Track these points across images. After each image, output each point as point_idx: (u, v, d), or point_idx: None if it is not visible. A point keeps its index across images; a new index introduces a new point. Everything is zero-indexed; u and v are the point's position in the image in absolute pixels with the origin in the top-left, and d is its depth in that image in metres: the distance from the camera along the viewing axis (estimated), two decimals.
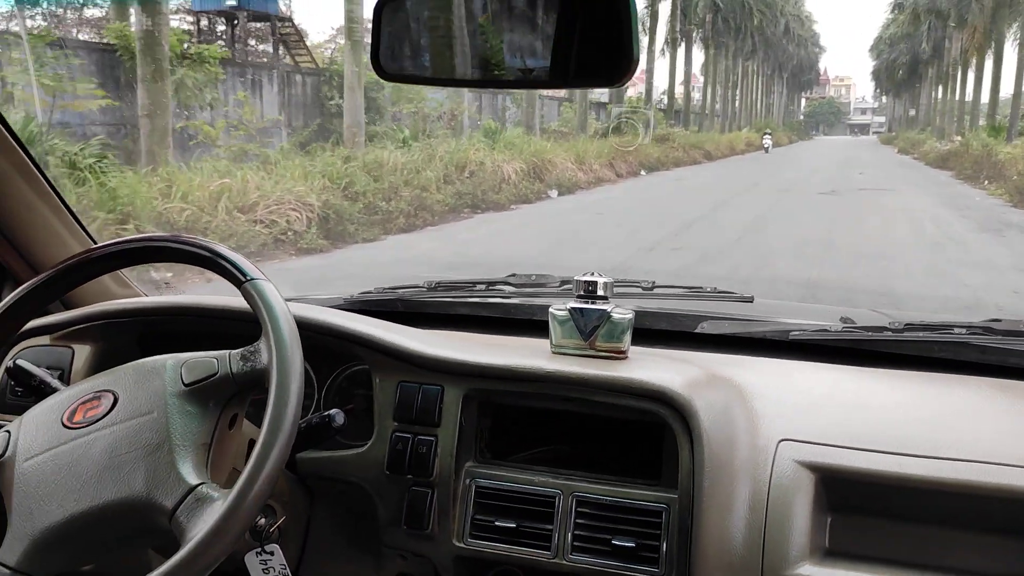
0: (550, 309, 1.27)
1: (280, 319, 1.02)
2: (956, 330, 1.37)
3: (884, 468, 1.05)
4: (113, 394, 1.04)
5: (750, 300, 1.56)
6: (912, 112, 59.39)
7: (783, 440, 1.11)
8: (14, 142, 1.34)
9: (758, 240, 9.89)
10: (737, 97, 53.15)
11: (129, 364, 1.07)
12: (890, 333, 1.37)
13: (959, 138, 28.38)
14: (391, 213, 10.53)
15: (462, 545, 1.20)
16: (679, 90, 38.07)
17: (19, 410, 1.15)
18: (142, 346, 1.37)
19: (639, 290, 1.57)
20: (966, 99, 38.85)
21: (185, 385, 1.02)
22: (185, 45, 12.31)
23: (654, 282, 1.59)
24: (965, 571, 1.03)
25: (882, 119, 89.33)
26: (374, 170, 11.41)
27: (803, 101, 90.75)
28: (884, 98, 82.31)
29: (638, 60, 0.85)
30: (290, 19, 20.03)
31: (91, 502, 0.95)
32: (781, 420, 1.14)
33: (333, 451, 1.26)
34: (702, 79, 46.32)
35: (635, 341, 1.29)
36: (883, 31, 54.84)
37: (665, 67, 39.45)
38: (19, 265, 1.46)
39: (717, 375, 1.23)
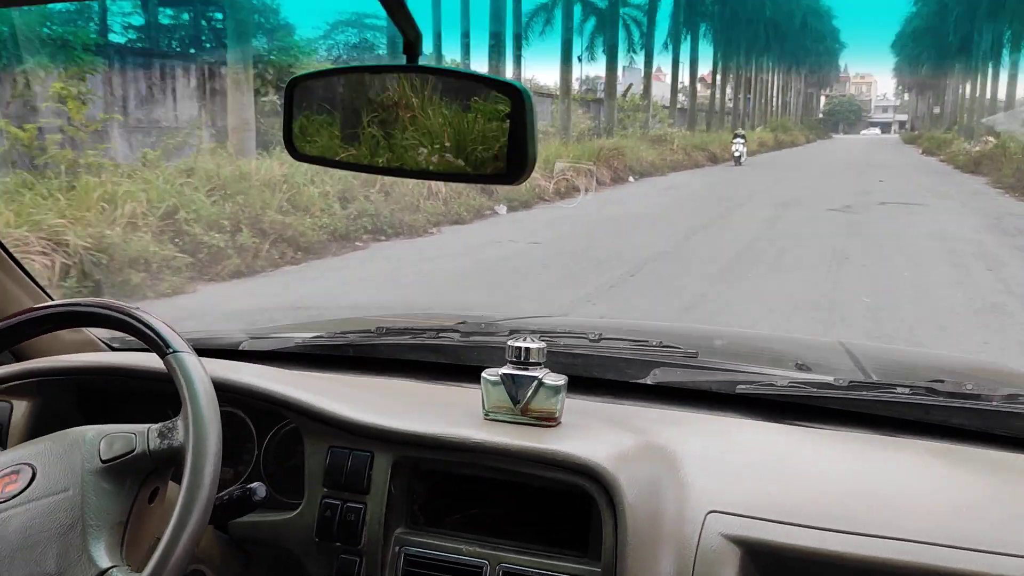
0: (483, 375, 1.28)
1: (200, 395, 1.05)
2: (899, 390, 1.41)
3: (809, 544, 1.07)
4: (32, 468, 1.04)
5: (694, 355, 1.55)
6: (937, 110, 56.87)
7: (711, 512, 1.12)
8: None
9: (735, 301, 7.06)
10: (750, 95, 50.96)
11: (53, 434, 1.10)
12: (835, 391, 1.41)
13: (991, 138, 24.50)
14: (220, 250, 7.88)
15: None
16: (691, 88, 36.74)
17: None
18: (80, 401, 1.42)
19: (586, 341, 1.60)
20: (998, 97, 35.20)
21: (103, 461, 1.03)
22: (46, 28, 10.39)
23: (600, 334, 1.63)
24: None
25: (904, 117, 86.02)
26: (231, 186, 8.17)
27: (822, 99, 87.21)
28: (907, 95, 79.67)
29: (535, 160, 0.90)
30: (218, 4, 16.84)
31: None
32: (711, 490, 1.15)
33: (266, 514, 1.28)
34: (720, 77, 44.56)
35: (581, 392, 1.40)
36: (906, 26, 51.75)
37: (680, 64, 37.72)
38: None
39: (650, 442, 1.25)
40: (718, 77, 42.89)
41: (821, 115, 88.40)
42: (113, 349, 1.65)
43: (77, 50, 10.88)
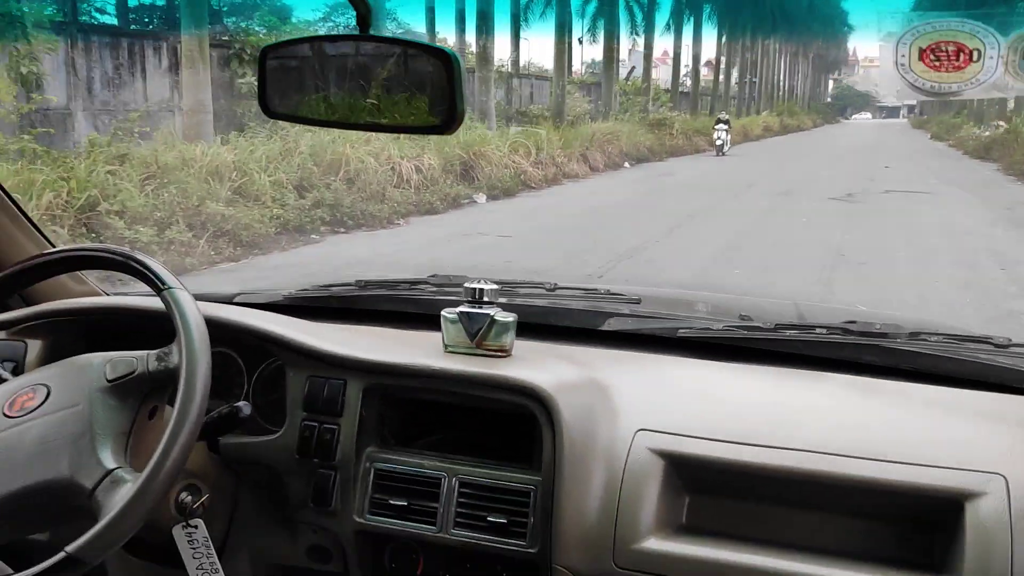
0: (442, 313, 1.49)
1: (191, 325, 1.21)
2: (818, 330, 1.60)
3: (726, 456, 1.26)
4: (47, 387, 1.22)
5: (638, 302, 1.77)
6: None
7: (640, 431, 1.31)
8: None
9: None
10: (756, 79, 49.74)
11: (65, 360, 1.28)
12: (762, 332, 1.60)
13: (1002, 123, 23.46)
14: (144, 246, 7.47)
15: (362, 520, 1.42)
16: (698, 72, 36.64)
17: None
18: (88, 340, 1.60)
19: (543, 291, 1.81)
20: None
21: (108, 381, 1.20)
22: None
23: (555, 284, 1.83)
24: (803, 547, 1.23)
25: (912, 101, 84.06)
26: (169, 174, 7.43)
27: (830, 83, 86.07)
28: None
29: (463, 114, 1.08)
30: None
31: (22, 483, 1.13)
32: (641, 413, 1.35)
33: (253, 437, 1.49)
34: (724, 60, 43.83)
35: (538, 337, 1.60)
36: (916, 6, 50.00)
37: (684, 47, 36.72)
38: None
39: (589, 375, 1.46)
40: (723, 60, 42.23)
41: (829, 99, 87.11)
42: (107, 294, 1.84)
43: (28, 27, 10.38)
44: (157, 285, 1.26)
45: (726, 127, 24.94)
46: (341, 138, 10.81)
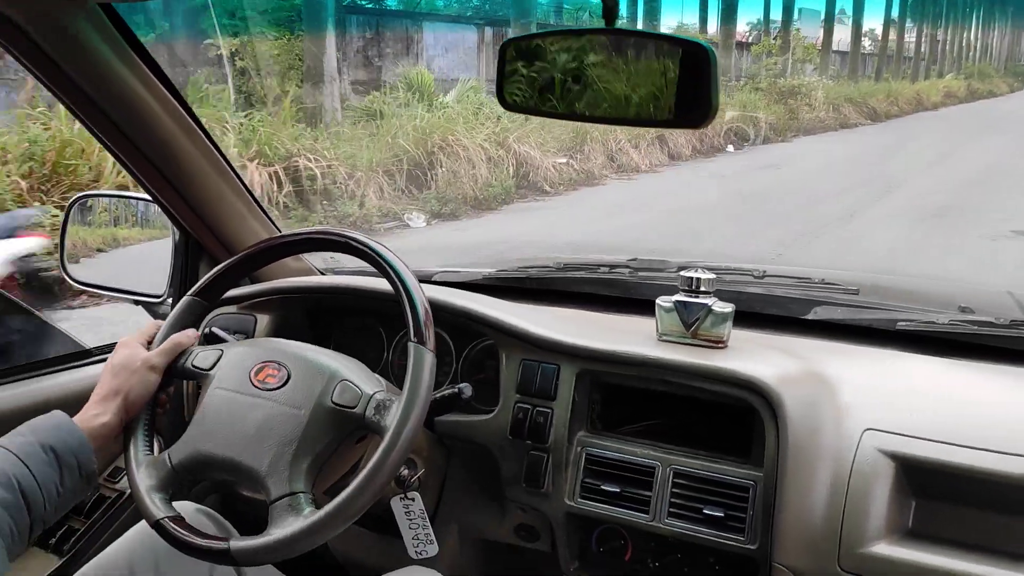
0: (657, 302, 1.50)
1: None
2: None
3: (963, 462, 1.20)
4: (289, 373, 1.28)
5: (855, 292, 1.70)
6: None
7: (868, 430, 1.27)
8: (208, 142, 1.66)
9: None
10: (939, 36, 42.45)
11: (311, 354, 1.32)
12: (994, 328, 1.52)
13: None
14: None
15: (572, 504, 1.44)
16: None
17: None
18: (309, 316, 1.75)
19: (751, 278, 1.77)
20: None
21: (332, 403, 1.24)
22: None
23: (764, 271, 1.78)
24: None
25: None
26: None
27: None
28: None
29: (716, 108, 1.04)
30: None
31: (235, 455, 1.21)
32: (868, 411, 1.31)
33: (466, 416, 1.55)
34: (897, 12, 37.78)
35: (746, 325, 1.56)
36: None
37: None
38: (214, 245, 1.80)
39: (811, 368, 1.43)
40: (894, 12, 35.97)
41: None
42: (320, 272, 1.96)
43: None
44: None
45: None
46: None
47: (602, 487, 1.42)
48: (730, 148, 14.95)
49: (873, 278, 2.01)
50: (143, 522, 1.23)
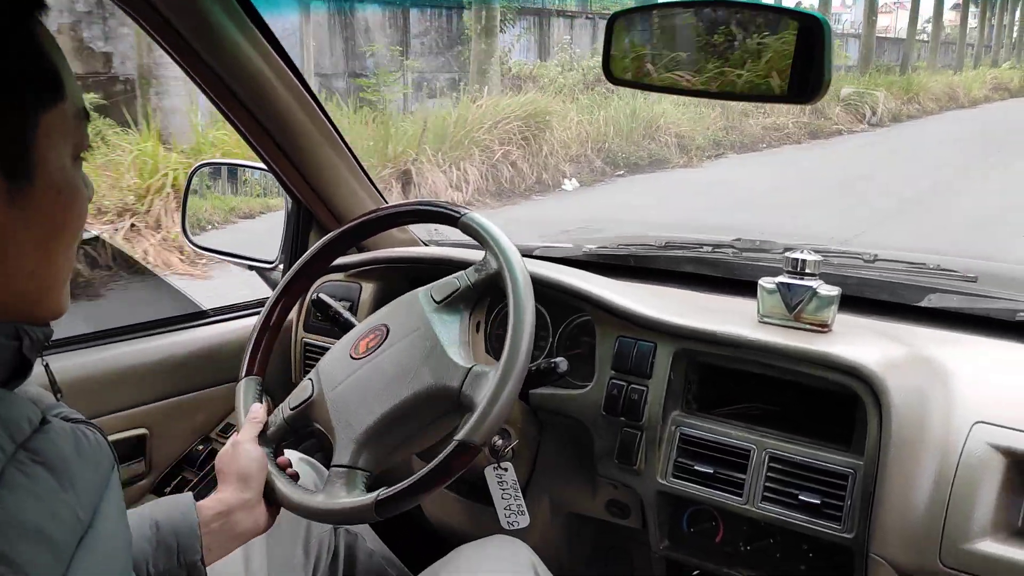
0: (759, 282, 1.47)
1: (496, 233, 1.31)
2: None
3: None
4: (385, 326, 1.35)
5: (974, 280, 1.61)
6: None
7: (978, 423, 1.23)
8: (321, 113, 1.71)
9: None
10: (994, 19, 34.54)
11: (392, 302, 1.41)
12: None
13: None
14: None
15: (664, 483, 1.43)
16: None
17: (319, 331, 1.83)
18: (411, 285, 1.59)
19: (860, 262, 1.71)
20: None
21: (437, 302, 1.32)
22: None
23: (875, 255, 1.72)
24: None
25: None
26: None
27: None
28: None
29: (829, 82, 1.03)
30: None
31: (395, 401, 1.24)
32: (980, 403, 1.26)
33: (560, 389, 1.55)
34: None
35: (853, 311, 1.52)
36: None
37: None
38: (324, 215, 1.86)
39: (920, 354, 1.37)
40: None
41: None
42: (424, 242, 2.01)
43: None
44: (454, 216, 1.35)
45: None
46: None
47: (695, 467, 1.40)
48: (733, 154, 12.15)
49: (993, 267, 1.93)
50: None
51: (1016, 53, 33.07)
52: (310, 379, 1.37)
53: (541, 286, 1.53)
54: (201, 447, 1.84)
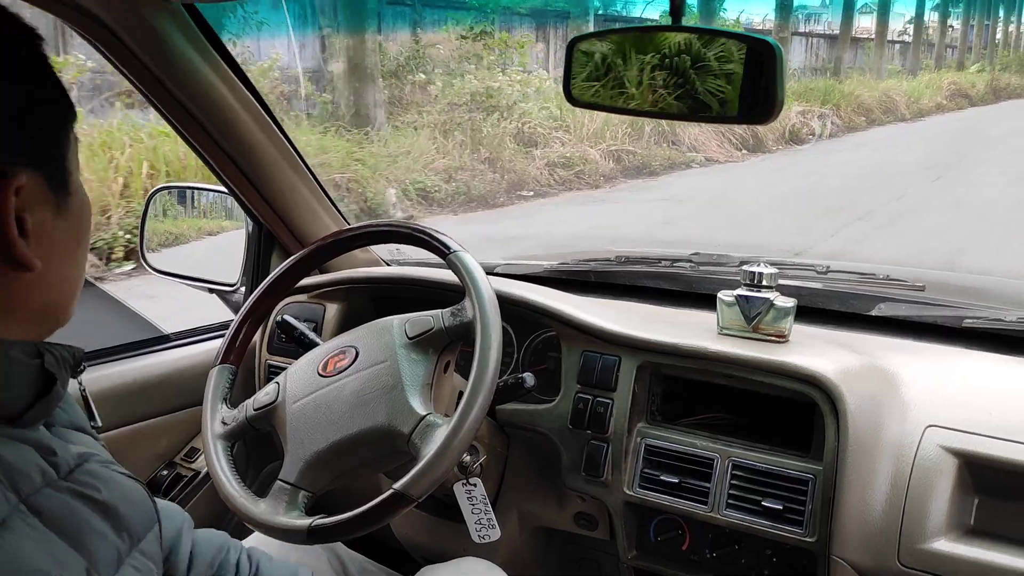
0: (719, 295, 1.50)
1: (479, 281, 1.31)
2: None
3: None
4: (355, 349, 1.34)
5: (921, 289, 1.67)
6: None
7: (930, 426, 1.27)
8: (281, 135, 1.72)
9: None
10: (973, 20, 28.60)
11: (365, 324, 1.40)
12: None
13: None
14: None
15: (631, 493, 1.46)
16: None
17: (283, 353, 1.80)
18: (376, 305, 1.79)
19: (814, 273, 1.77)
20: None
21: (409, 338, 1.31)
22: None
23: (828, 266, 1.78)
24: None
25: None
26: None
27: None
28: None
29: (783, 102, 1.06)
30: None
31: (346, 432, 1.25)
32: (931, 407, 1.31)
33: (527, 404, 1.58)
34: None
35: (808, 321, 1.57)
36: None
37: None
38: (286, 236, 1.87)
39: (873, 363, 1.43)
40: None
41: None
42: (386, 263, 2.01)
43: None
44: (443, 251, 1.36)
45: None
46: None
47: (661, 477, 1.43)
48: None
49: (939, 275, 1.99)
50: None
51: (989, 55, 27.32)
52: (276, 383, 1.38)
53: (505, 303, 1.55)
54: (165, 472, 1.82)
